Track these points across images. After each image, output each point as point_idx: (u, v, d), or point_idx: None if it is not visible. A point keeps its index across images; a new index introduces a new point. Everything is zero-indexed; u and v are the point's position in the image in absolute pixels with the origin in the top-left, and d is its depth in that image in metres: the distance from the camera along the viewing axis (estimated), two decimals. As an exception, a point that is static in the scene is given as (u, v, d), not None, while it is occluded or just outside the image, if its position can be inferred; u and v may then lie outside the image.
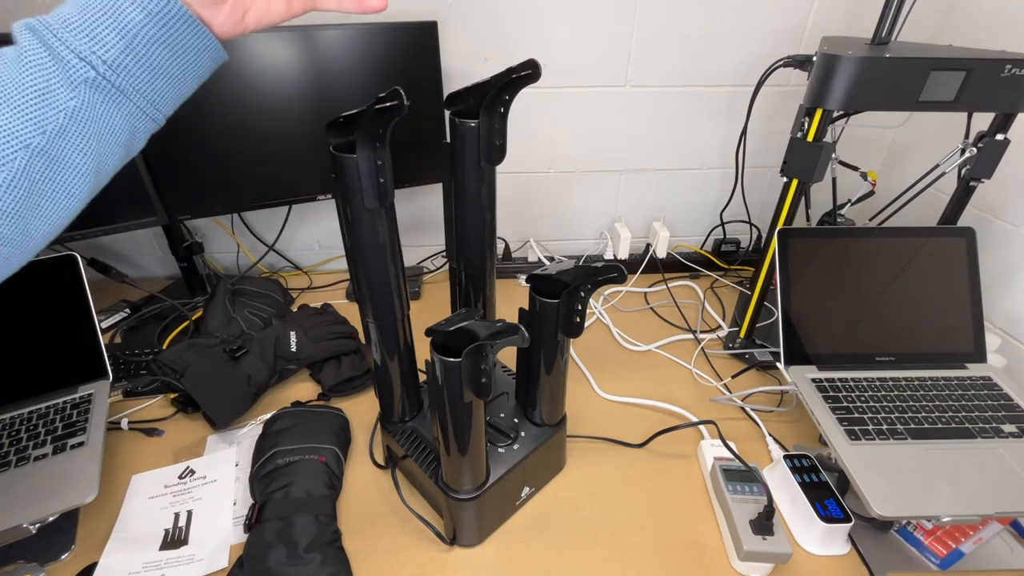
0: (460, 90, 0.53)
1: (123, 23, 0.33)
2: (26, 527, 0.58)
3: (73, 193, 0.36)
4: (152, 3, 0.34)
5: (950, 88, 0.69)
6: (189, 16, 0.35)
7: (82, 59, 0.33)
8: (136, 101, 0.35)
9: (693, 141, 1.11)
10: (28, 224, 0.34)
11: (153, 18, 0.34)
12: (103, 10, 0.33)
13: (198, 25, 0.36)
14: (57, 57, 0.33)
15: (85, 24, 0.33)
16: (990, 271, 0.81)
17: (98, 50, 0.33)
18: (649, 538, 0.64)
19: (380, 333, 0.60)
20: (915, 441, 0.66)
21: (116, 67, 0.34)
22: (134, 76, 0.35)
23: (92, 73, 0.33)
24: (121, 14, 0.33)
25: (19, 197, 0.33)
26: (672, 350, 0.95)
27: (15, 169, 0.32)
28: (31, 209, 0.34)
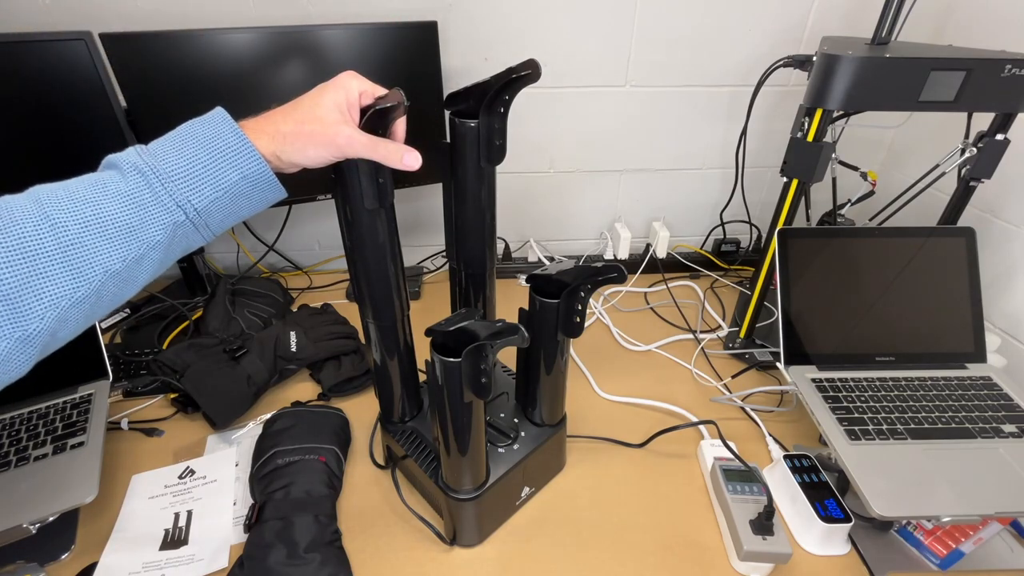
0: (460, 90, 0.53)
1: (221, 182, 0.39)
2: (26, 527, 0.58)
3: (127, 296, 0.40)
4: (250, 169, 0.40)
5: (950, 88, 0.68)
6: (274, 180, 0.42)
7: (179, 206, 0.38)
8: (203, 233, 0.41)
9: (693, 141, 1.11)
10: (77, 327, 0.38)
11: (246, 179, 0.40)
12: (208, 167, 0.39)
13: (278, 185, 0.42)
14: (159, 201, 0.37)
15: (190, 176, 0.38)
16: (990, 271, 0.81)
17: (193, 199, 0.38)
18: (649, 538, 0.64)
19: (380, 333, 0.60)
20: (915, 441, 0.66)
21: (202, 212, 0.39)
22: (213, 218, 0.40)
23: (182, 217, 0.38)
24: (222, 175, 0.39)
25: (86, 309, 0.37)
26: (672, 350, 0.95)
27: (90, 288, 0.36)
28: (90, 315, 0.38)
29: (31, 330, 0.34)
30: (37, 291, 0.34)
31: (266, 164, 0.40)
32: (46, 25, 0.87)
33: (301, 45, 0.84)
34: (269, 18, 0.90)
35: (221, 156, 0.39)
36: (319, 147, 0.42)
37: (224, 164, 0.39)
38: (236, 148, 0.39)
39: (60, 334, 0.37)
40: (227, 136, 0.39)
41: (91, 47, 0.77)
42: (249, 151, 0.40)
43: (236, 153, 0.39)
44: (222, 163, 0.39)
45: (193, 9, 0.88)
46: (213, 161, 0.39)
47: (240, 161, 0.39)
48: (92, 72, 0.78)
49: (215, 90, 0.83)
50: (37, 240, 0.34)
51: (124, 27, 0.77)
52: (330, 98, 0.43)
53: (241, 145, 0.39)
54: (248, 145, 0.40)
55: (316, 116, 0.42)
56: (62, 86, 0.77)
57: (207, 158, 0.39)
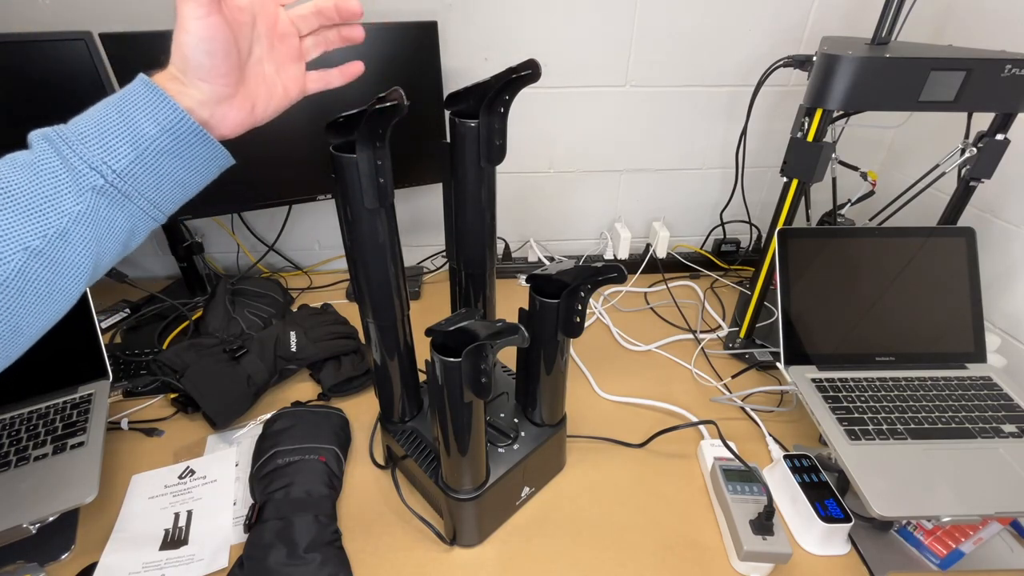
0: (460, 90, 0.53)
1: (136, 135, 0.35)
2: (26, 527, 0.58)
3: (69, 290, 0.36)
4: (165, 117, 0.35)
5: (950, 88, 0.68)
6: (200, 130, 0.37)
7: (92, 168, 0.34)
8: (140, 204, 0.36)
9: (693, 141, 1.11)
10: (21, 321, 0.34)
11: (166, 132, 0.36)
12: (118, 123, 0.35)
13: (208, 138, 0.38)
14: (68, 165, 0.34)
15: (100, 136, 0.34)
16: (990, 271, 0.81)
17: (109, 160, 0.34)
18: (649, 538, 0.64)
19: (380, 333, 0.60)
20: (915, 441, 0.66)
21: (124, 175, 0.35)
22: (141, 183, 0.36)
23: (100, 181, 0.34)
24: (136, 127, 0.35)
25: (12, 296, 0.33)
26: (672, 350, 0.95)
27: (11, 270, 0.32)
28: (25, 307, 0.34)
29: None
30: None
31: (183, 111, 0.36)
32: (46, 25, 0.87)
33: (301, 45, 0.84)
34: (269, 18, 0.90)
35: (132, 108, 0.35)
36: None
37: (137, 116, 0.35)
38: (146, 97, 0.35)
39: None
40: (137, 88, 0.36)
41: (91, 47, 0.77)
42: (161, 98, 0.35)
43: (147, 102, 0.35)
44: (134, 115, 0.35)
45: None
46: (123, 116, 0.35)
47: (153, 110, 0.35)
48: (92, 72, 0.78)
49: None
50: None
51: (124, 27, 0.77)
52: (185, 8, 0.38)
53: (151, 93, 0.35)
54: (159, 92, 0.35)
55: None
56: (62, 86, 0.77)
57: (116, 114, 0.35)
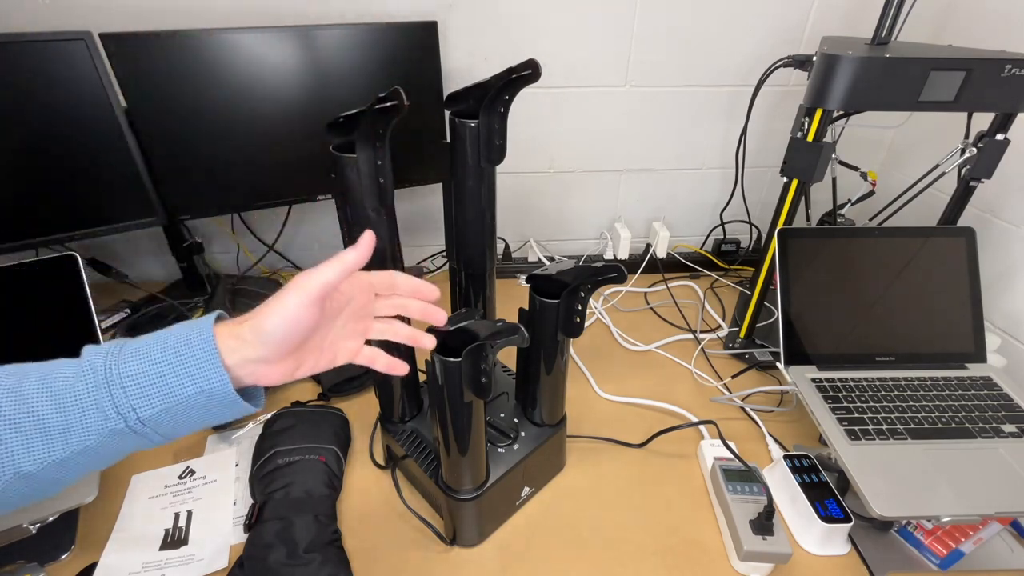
0: (460, 90, 0.53)
1: (176, 394, 0.34)
2: (26, 527, 0.58)
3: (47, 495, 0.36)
4: (209, 383, 0.35)
5: (950, 88, 0.68)
6: (236, 399, 0.36)
7: (120, 414, 0.34)
8: (150, 438, 0.36)
9: (693, 141, 1.11)
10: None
11: (203, 393, 0.35)
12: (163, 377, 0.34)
13: (239, 403, 0.37)
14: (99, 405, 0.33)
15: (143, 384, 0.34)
16: (990, 271, 0.81)
17: (138, 407, 0.34)
18: (649, 538, 0.64)
19: (380, 333, 0.59)
20: (915, 441, 0.66)
21: (147, 422, 0.35)
22: (160, 427, 0.35)
23: (122, 425, 0.34)
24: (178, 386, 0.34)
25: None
26: (672, 350, 0.95)
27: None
28: None
29: None
30: None
31: (227, 380, 0.35)
32: (46, 25, 0.87)
33: (301, 45, 0.84)
34: (269, 18, 0.90)
35: (184, 366, 0.34)
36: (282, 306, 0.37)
37: (185, 376, 0.34)
38: (202, 359, 0.35)
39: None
40: (197, 343, 0.35)
41: (91, 47, 0.76)
42: (214, 366, 0.35)
43: (200, 364, 0.35)
44: (182, 374, 0.34)
45: (194, 9, 0.88)
46: (174, 371, 0.34)
47: (202, 373, 0.35)
48: (92, 72, 0.78)
49: (215, 89, 0.83)
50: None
51: (124, 27, 0.77)
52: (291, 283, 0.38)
53: (207, 356, 0.35)
54: (216, 358, 0.35)
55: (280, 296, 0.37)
56: (62, 86, 0.77)
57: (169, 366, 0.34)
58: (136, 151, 0.84)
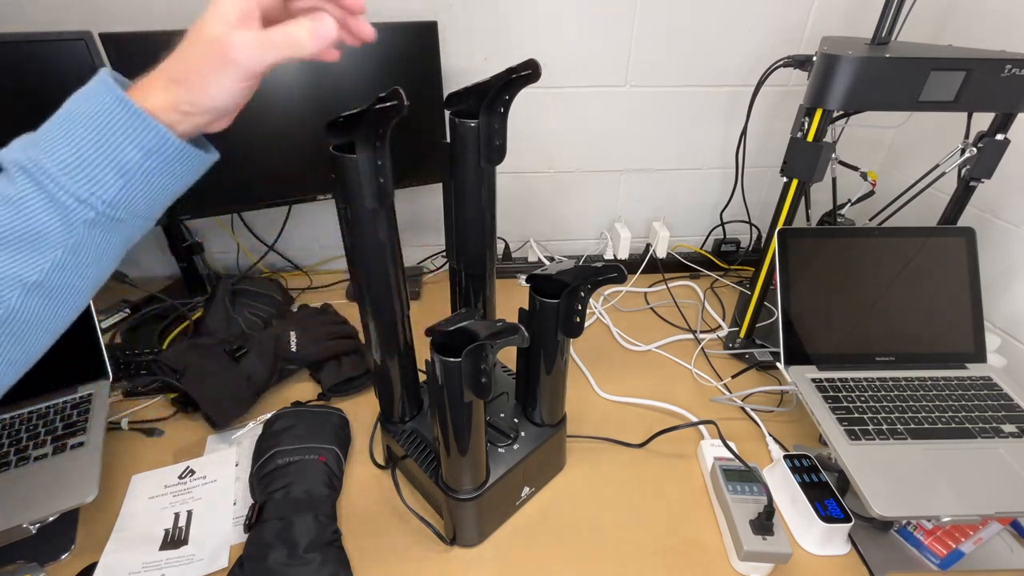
0: (460, 90, 0.53)
1: (121, 163, 0.33)
2: (26, 527, 0.58)
3: (73, 305, 0.36)
4: (149, 141, 0.33)
5: (950, 88, 0.68)
6: (184, 148, 0.35)
7: (82, 202, 0.33)
8: (133, 222, 0.36)
9: (693, 141, 1.11)
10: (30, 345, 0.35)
11: (151, 155, 0.34)
12: (101, 151, 0.33)
13: (193, 152, 0.36)
14: (55, 201, 0.32)
15: (83, 166, 0.32)
16: (990, 271, 0.81)
17: (98, 191, 0.33)
18: (649, 538, 0.64)
19: (380, 333, 0.60)
20: (915, 441, 0.66)
21: (115, 203, 0.34)
22: (133, 205, 0.35)
23: (92, 213, 0.33)
24: (119, 154, 0.33)
25: (18, 327, 0.33)
26: (672, 350, 0.95)
27: (10, 306, 0.32)
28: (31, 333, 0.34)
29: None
30: None
31: (167, 132, 0.34)
32: (46, 25, 0.87)
33: (301, 45, 0.84)
34: (269, 18, 0.90)
35: (112, 134, 0.33)
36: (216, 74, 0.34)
37: (118, 142, 0.33)
38: (125, 121, 0.33)
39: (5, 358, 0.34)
40: (112, 108, 0.33)
41: (91, 47, 0.77)
42: (142, 121, 0.33)
43: (127, 127, 0.33)
44: (116, 141, 0.33)
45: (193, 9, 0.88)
46: (105, 142, 0.33)
47: (136, 135, 0.33)
48: (92, 72, 0.77)
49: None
50: None
51: (124, 27, 0.77)
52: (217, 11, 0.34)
53: (131, 116, 0.33)
54: (138, 115, 0.33)
55: (202, 37, 0.34)
56: (62, 86, 0.77)
57: (96, 140, 0.32)
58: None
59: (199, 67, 0.34)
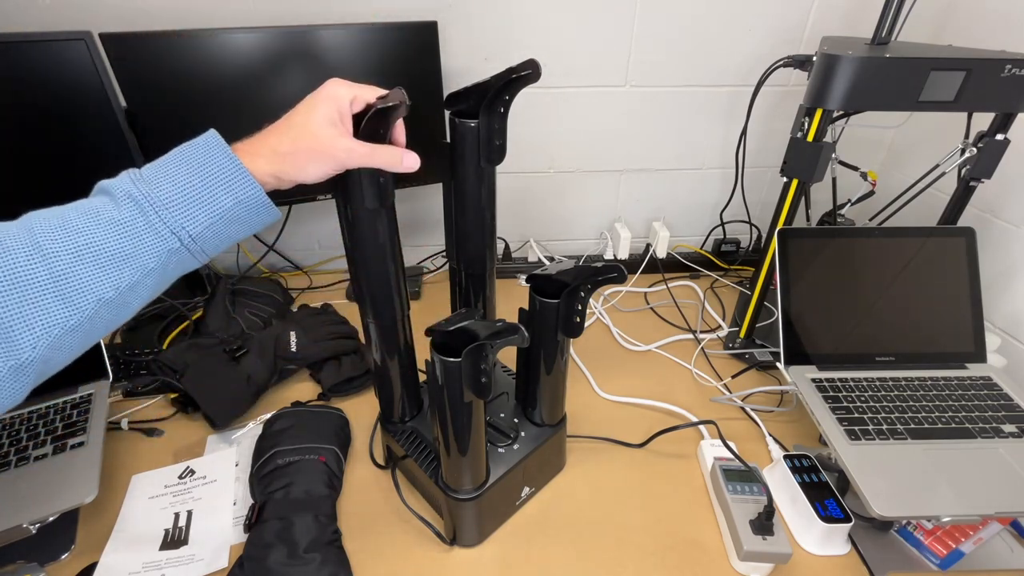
0: (460, 90, 0.53)
1: (216, 208, 0.39)
2: (26, 527, 0.58)
3: (122, 320, 0.40)
4: (244, 194, 0.40)
5: (950, 88, 0.68)
6: (269, 204, 0.41)
7: (174, 233, 0.38)
8: (198, 258, 0.41)
9: (693, 141, 1.10)
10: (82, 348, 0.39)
11: (240, 204, 0.40)
12: (200, 192, 0.38)
13: (272, 208, 0.42)
14: (153, 229, 0.37)
15: (185, 204, 0.38)
16: (990, 271, 0.81)
17: (188, 226, 0.38)
18: (649, 538, 0.64)
19: (380, 333, 0.60)
20: (915, 441, 0.66)
21: (197, 239, 0.39)
22: (206, 244, 0.40)
23: (177, 244, 0.38)
24: (216, 200, 0.39)
25: (80, 336, 0.37)
26: (672, 350, 0.95)
27: (83, 316, 0.36)
28: (85, 342, 0.39)
29: (23, 359, 0.35)
30: (29, 321, 0.34)
31: (260, 188, 0.40)
32: (46, 25, 0.87)
33: (301, 45, 0.84)
34: (269, 18, 0.90)
35: (215, 181, 0.39)
36: (319, 163, 0.42)
37: (218, 190, 0.39)
38: (230, 173, 0.39)
39: (54, 361, 0.37)
40: (220, 160, 0.39)
41: (91, 47, 0.76)
42: (243, 176, 0.39)
43: (230, 178, 0.39)
44: (216, 189, 0.39)
45: (193, 9, 0.88)
46: (207, 187, 0.38)
47: (235, 186, 0.39)
48: (92, 72, 0.77)
49: (215, 90, 0.83)
50: (29, 270, 0.34)
51: (124, 27, 0.77)
52: (322, 112, 0.42)
53: (235, 170, 0.39)
54: (242, 170, 0.39)
55: (311, 132, 0.41)
56: (62, 86, 0.77)
57: (200, 184, 0.38)
58: (136, 151, 0.84)
59: (307, 155, 0.42)
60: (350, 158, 0.43)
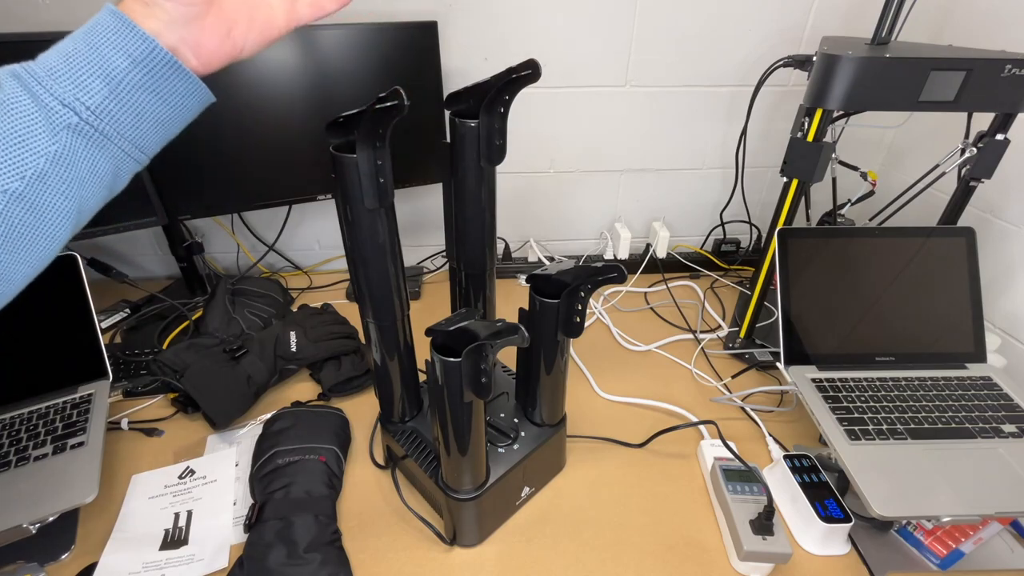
0: (460, 90, 0.53)
1: (108, 70, 0.33)
2: (26, 527, 0.58)
3: (54, 235, 0.35)
4: (135, 48, 0.34)
5: (950, 88, 0.68)
6: (174, 61, 0.35)
7: (65, 105, 0.33)
8: (120, 144, 0.35)
9: (693, 141, 1.11)
10: (7, 267, 0.34)
11: (137, 64, 0.34)
12: (87, 57, 0.33)
13: (183, 69, 0.36)
14: (40, 103, 0.32)
15: (70, 71, 0.33)
16: (990, 271, 0.81)
17: (82, 96, 0.33)
18: (649, 538, 0.64)
19: (380, 333, 0.60)
20: (915, 441, 0.66)
21: (100, 112, 0.34)
22: (118, 121, 0.34)
23: (75, 119, 0.33)
24: (105, 61, 0.33)
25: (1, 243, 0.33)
26: (672, 350, 0.95)
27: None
28: (10, 252, 0.33)
29: None
30: None
31: (155, 42, 0.34)
32: (46, 25, 0.87)
33: (301, 45, 0.84)
34: (269, 18, 0.90)
35: (100, 39, 0.33)
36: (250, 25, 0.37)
37: (105, 47, 0.33)
38: (113, 27, 0.33)
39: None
40: (103, 18, 0.34)
41: (91, 47, 0.76)
42: (128, 27, 0.33)
43: (115, 33, 0.33)
44: (103, 48, 0.33)
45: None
46: (91, 48, 0.33)
47: (122, 41, 0.33)
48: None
49: (215, 90, 0.83)
50: None
51: (124, 27, 0.77)
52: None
53: (117, 22, 0.33)
54: (126, 20, 0.34)
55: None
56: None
57: (84, 46, 0.33)
58: (136, 151, 0.84)
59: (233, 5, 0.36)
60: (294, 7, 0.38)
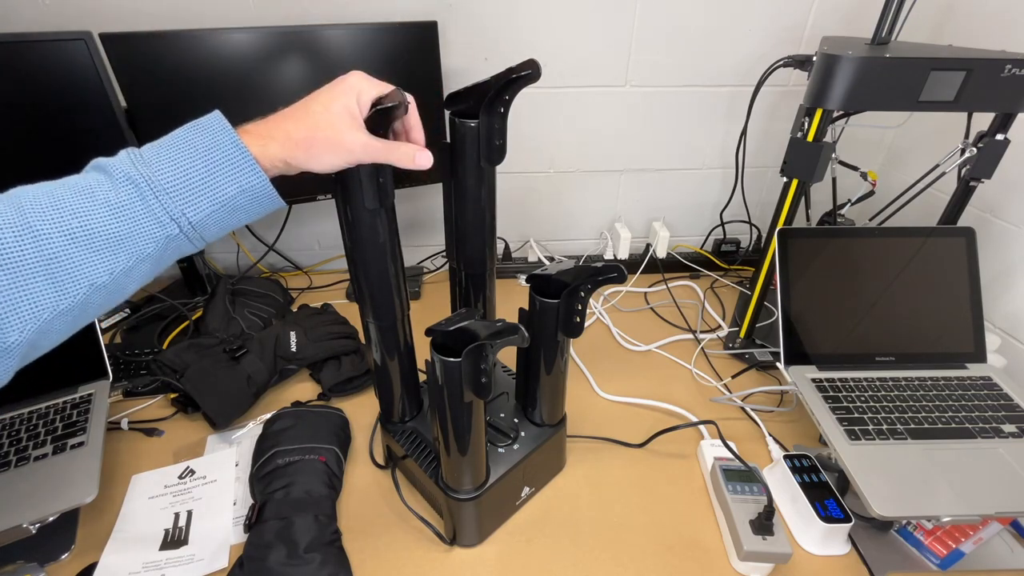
0: (460, 90, 0.53)
1: (219, 195, 0.37)
2: (26, 527, 0.58)
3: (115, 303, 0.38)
4: (248, 182, 0.38)
5: (950, 88, 0.68)
6: (274, 194, 0.40)
7: (173, 220, 0.36)
8: (197, 244, 0.39)
9: (693, 141, 1.11)
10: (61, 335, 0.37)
11: (245, 193, 0.38)
12: (205, 181, 0.37)
13: (277, 199, 0.41)
14: (151, 214, 0.36)
15: (186, 191, 0.36)
16: (990, 271, 0.81)
17: (189, 213, 0.37)
18: (649, 538, 0.64)
19: (380, 333, 0.59)
20: (915, 441, 0.66)
21: (197, 226, 0.38)
22: (205, 231, 0.38)
23: (176, 230, 0.37)
24: (219, 187, 0.37)
25: (70, 320, 0.36)
26: (672, 350, 0.95)
27: (74, 301, 0.35)
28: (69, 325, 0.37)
29: (9, 342, 0.33)
30: (16, 305, 0.33)
31: (266, 178, 0.39)
32: (46, 25, 0.87)
33: (301, 45, 0.84)
34: (269, 18, 0.90)
35: (219, 169, 0.37)
36: (333, 154, 0.41)
37: (222, 177, 0.37)
38: (235, 161, 0.37)
39: (41, 344, 0.36)
40: (226, 147, 0.38)
41: (91, 47, 0.77)
42: (250, 165, 0.38)
43: (235, 166, 0.37)
44: (220, 176, 0.37)
45: (193, 9, 0.88)
46: (210, 174, 0.37)
47: (240, 175, 0.38)
48: (92, 72, 0.78)
49: (215, 90, 0.83)
50: (18, 252, 0.32)
51: (124, 27, 0.77)
52: (342, 103, 0.41)
53: (241, 158, 0.38)
54: (248, 158, 0.38)
55: (329, 122, 0.40)
56: (62, 86, 0.77)
57: (204, 170, 0.37)
58: (136, 151, 0.84)
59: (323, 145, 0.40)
60: (366, 152, 0.42)
